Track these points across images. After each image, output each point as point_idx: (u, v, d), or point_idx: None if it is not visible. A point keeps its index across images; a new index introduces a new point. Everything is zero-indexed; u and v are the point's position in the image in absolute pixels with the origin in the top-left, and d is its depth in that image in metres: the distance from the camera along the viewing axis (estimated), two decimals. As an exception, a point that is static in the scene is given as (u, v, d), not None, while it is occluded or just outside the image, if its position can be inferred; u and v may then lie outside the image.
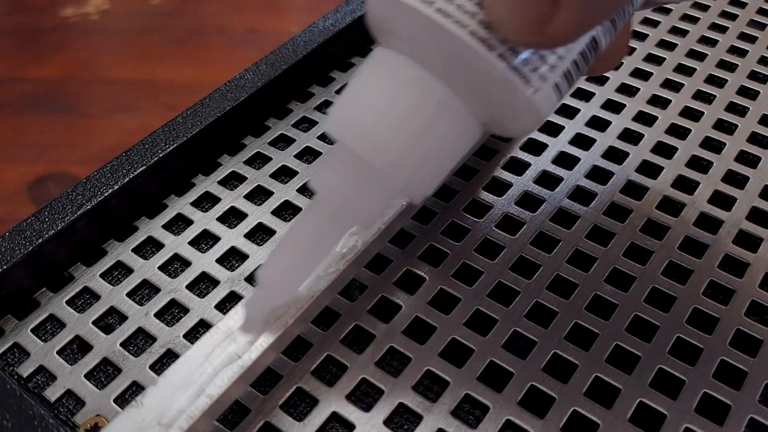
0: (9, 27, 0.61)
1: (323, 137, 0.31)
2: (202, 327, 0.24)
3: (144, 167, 0.27)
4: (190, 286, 0.25)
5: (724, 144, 0.30)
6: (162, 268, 0.26)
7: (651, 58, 0.34)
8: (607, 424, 0.21)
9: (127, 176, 0.27)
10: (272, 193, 0.28)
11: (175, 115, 0.29)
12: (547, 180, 0.29)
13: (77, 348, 0.24)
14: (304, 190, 0.29)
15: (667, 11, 0.37)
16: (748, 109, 0.31)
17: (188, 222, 0.28)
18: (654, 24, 0.36)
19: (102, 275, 0.26)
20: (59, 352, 0.24)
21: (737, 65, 0.34)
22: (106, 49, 0.60)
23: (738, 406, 0.21)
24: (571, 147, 0.30)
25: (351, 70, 0.34)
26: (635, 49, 0.35)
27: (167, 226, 0.27)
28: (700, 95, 0.32)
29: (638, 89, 0.32)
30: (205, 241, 0.27)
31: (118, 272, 0.26)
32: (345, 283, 0.24)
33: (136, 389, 0.23)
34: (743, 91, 0.32)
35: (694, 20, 0.36)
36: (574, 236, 0.26)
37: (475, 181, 0.28)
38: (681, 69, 0.34)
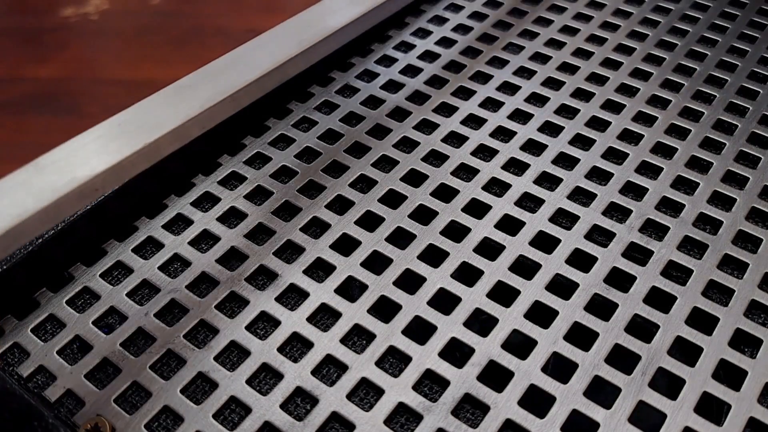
0: (9, 27, 0.61)
1: (323, 137, 0.31)
2: (202, 327, 0.24)
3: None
4: (190, 286, 0.25)
5: (724, 144, 0.30)
6: (162, 268, 0.26)
7: (651, 58, 0.34)
8: (607, 424, 0.21)
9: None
10: (272, 193, 0.28)
11: (175, 115, 0.29)
12: (547, 180, 0.29)
13: (77, 348, 0.24)
14: (304, 190, 0.29)
15: (667, 11, 0.37)
16: (748, 109, 0.31)
17: (188, 222, 0.28)
18: (654, 24, 0.36)
19: (102, 275, 0.26)
20: (59, 352, 0.24)
21: (737, 65, 0.34)
22: (106, 49, 0.60)
23: (738, 406, 0.21)
24: (571, 147, 0.30)
25: (351, 70, 0.34)
26: (635, 49, 0.35)
27: (167, 226, 0.27)
28: (700, 95, 0.32)
29: (638, 89, 0.32)
30: (205, 241, 0.27)
31: (118, 272, 0.26)
32: None
33: (136, 389, 0.23)
34: (743, 91, 0.32)
35: (694, 20, 0.36)
36: (574, 236, 0.26)
37: (475, 181, 0.28)
38: (681, 69, 0.34)
